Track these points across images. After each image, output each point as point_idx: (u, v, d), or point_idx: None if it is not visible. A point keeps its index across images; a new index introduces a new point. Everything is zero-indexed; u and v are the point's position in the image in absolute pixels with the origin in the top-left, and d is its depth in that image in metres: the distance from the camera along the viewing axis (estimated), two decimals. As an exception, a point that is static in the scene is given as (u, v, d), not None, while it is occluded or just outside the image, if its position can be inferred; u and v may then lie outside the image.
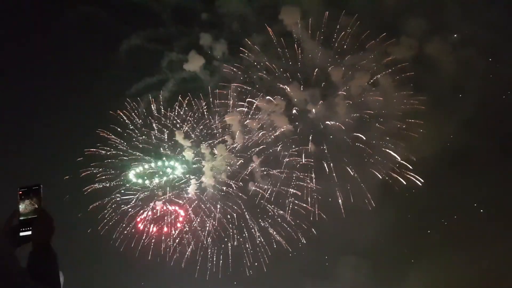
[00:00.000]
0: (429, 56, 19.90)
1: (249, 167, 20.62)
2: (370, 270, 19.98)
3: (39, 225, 3.15)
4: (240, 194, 20.44)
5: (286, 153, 20.52)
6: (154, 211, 20.37)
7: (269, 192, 20.38)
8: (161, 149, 20.72)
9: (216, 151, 20.75)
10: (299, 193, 20.16)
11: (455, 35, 20.01)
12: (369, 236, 19.73)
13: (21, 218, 3.22)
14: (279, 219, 20.27)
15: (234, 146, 20.83)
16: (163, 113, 20.90)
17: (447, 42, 20.00)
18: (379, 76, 20.26)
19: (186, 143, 20.67)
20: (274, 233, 20.10)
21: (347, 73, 20.53)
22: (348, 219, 19.94)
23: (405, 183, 19.84)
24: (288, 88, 20.87)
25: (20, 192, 3.28)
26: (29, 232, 3.18)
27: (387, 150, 19.98)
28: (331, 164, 20.37)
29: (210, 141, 20.90)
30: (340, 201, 20.02)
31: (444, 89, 19.64)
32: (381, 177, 20.05)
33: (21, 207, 3.24)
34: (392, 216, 19.81)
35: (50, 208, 3.26)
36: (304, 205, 20.14)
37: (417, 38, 19.87)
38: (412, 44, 19.91)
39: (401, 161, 20.01)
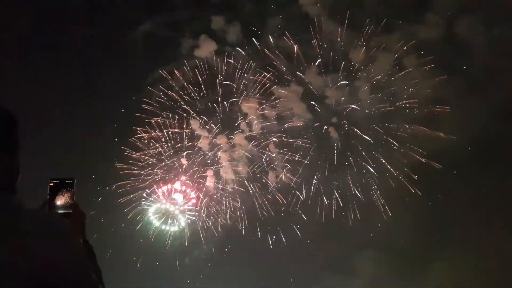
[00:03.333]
0: (460, 36, 18.70)
1: (268, 159, 19.72)
2: (390, 264, 19.25)
3: (74, 221, 2.99)
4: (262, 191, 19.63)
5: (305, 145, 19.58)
6: None
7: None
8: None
9: (233, 141, 19.84)
10: (318, 187, 19.36)
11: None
12: (389, 230, 19.13)
13: (59, 211, 3.00)
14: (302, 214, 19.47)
15: (251, 135, 19.85)
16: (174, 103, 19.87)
17: (479, 21, 18.71)
18: (404, 59, 19.14)
19: (203, 133, 19.69)
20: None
21: (369, 56, 19.43)
22: (367, 214, 19.36)
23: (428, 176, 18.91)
24: (306, 73, 19.83)
25: (52, 184, 3.02)
26: None
27: (413, 139, 19.01)
28: (352, 156, 19.59)
29: (226, 130, 19.96)
30: (359, 194, 19.27)
31: (476, 73, 18.44)
32: (404, 169, 19.14)
33: (55, 200, 3.00)
34: (415, 210, 19.12)
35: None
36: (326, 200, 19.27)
37: (446, 17, 18.66)
38: (441, 23, 18.70)
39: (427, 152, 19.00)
